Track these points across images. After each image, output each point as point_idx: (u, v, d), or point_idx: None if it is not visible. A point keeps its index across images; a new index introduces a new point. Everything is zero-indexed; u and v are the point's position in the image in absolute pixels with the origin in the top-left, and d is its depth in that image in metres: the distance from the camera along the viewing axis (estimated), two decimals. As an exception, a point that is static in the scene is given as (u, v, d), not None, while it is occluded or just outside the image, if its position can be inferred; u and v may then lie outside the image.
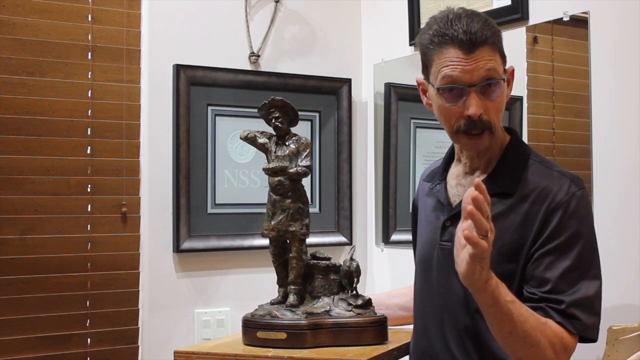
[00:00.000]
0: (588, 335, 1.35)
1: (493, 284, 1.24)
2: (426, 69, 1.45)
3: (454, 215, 1.47)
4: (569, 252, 1.35)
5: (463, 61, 1.36)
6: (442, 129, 1.48)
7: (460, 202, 1.43)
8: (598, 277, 1.38)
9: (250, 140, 1.63)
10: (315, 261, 1.63)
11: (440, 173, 1.58)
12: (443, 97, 1.40)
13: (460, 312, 1.44)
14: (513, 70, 1.46)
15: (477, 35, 1.35)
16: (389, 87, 2.54)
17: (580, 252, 1.35)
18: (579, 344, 1.36)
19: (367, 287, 2.58)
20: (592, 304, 1.35)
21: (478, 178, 1.45)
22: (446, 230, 1.49)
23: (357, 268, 1.60)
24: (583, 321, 1.33)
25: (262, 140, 1.63)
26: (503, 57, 1.42)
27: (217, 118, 2.39)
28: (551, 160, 1.53)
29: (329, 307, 1.57)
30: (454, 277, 1.38)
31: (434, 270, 1.51)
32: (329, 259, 1.64)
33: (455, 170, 1.55)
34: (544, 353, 1.29)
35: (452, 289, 1.45)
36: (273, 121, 1.61)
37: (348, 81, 2.60)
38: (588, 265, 1.36)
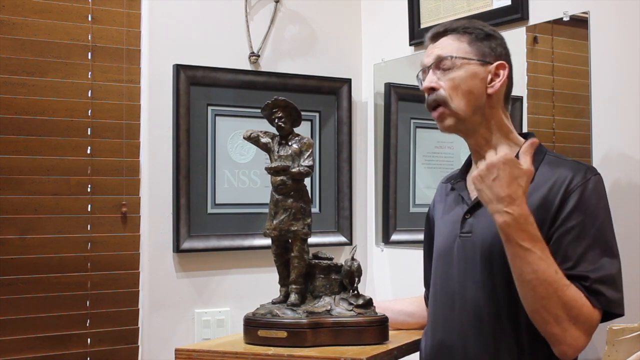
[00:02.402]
0: (614, 310, 1.39)
1: (499, 220, 1.35)
2: None
3: (473, 207, 1.54)
4: (589, 231, 1.40)
5: (428, 49, 1.59)
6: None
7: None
8: (617, 255, 1.43)
9: (253, 140, 1.64)
10: (316, 261, 1.63)
11: (460, 174, 1.66)
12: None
13: (480, 298, 1.47)
14: (502, 64, 1.54)
15: (441, 27, 1.58)
16: (389, 87, 2.54)
17: (599, 231, 1.41)
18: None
19: (367, 287, 2.58)
20: (615, 281, 1.40)
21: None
22: (466, 222, 1.54)
23: (359, 268, 1.60)
24: (608, 297, 1.37)
25: (264, 140, 1.63)
26: (477, 49, 1.54)
27: (217, 118, 2.39)
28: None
29: (330, 307, 1.57)
30: (474, 265, 1.48)
31: (454, 261, 1.55)
32: (330, 259, 1.65)
33: (474, 171, 1.58)
34: (555, 311, 1.33)
35: (473, 276, 1.49)
36: (276, 121, 1.61)
37: (348, 81, 2.60)
38: (607, 243, 1.41)
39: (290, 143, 1.61)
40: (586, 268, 1.37)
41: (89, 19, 2.22)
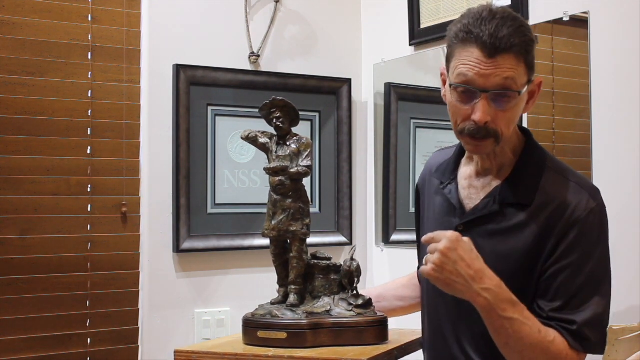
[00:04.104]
0: (596, 352, 1.36)
1: (480, 301, 1.30)
2: (448, 62, 1.41)
3: (468, 222, 1.44)
4: (584, 269, 1.35)
5: (482, 64, 1.30)
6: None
7: (474, 207, 1.44)
8: (608, 293, 1.38)
9: (251, 140, 1.63)
10: (315, 261, 1.62)
11: (450, 171, 1.54)
12: (455, 94, 1.36)
13: (474, 316, 1.41)
14: (540, 82, 1.40)
15: (503, 41, 1.29)
16: (389, 87, 2.54)
17: (593, 269, 1.36)
18: None
19: (367, 287, 2.58)
20: (601, 322, 1.36)
21: (494, 182, 1.44)
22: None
23: (358, 268, 1.60)
24: (592, 341, 1.34)
25: (263, 140, 1.62)
26: (530, 68, 1.35)
27: (217, 118, 2.39)
28: (566, 164, 1.49)
29: (329, 307, 1.57)
30: None
31: None
32: (329, 259, 1.64)
33: (466, 169, 1.51)
34: None
35: None
36: (274, 121, 1.60)
37: (348, 81, 2.60)
38: (600, 282, 1.37)
39: (288, 143, 1.61)
40: (574, 310, 1.34)
41: (89, 19, 2.22)
